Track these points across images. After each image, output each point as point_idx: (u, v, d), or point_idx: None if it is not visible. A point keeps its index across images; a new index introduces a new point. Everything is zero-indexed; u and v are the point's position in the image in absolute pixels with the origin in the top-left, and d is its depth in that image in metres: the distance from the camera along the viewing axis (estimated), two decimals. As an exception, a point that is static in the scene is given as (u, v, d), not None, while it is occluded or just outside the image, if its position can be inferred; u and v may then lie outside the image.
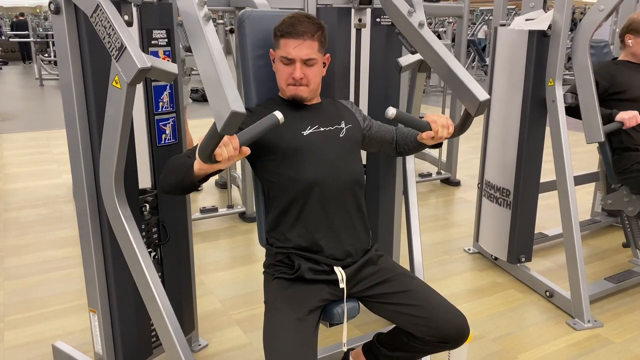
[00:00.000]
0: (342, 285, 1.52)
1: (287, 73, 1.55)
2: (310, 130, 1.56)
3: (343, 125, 1.63)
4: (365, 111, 2.05)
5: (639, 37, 2.66)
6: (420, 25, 1.63)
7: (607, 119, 2.52)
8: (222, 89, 1.15)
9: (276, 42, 1.57)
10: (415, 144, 1.67)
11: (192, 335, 2.13)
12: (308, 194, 1.52)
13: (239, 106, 1.12)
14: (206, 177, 1.36)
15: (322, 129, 1.58)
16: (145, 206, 1.77)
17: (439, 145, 1.60)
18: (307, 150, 1.53)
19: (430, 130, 1.48)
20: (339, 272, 1.53)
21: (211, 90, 1.17)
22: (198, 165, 1.29)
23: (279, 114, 1.24)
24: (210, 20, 1.27)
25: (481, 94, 1.45)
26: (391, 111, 1.39)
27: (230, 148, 1.21)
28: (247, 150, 1.25)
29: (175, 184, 1.40)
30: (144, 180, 1.75)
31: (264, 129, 1.25)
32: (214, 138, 1.18)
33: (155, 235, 1.83)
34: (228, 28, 3.80)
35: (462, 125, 1.53)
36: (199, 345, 2.17)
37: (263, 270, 1.65)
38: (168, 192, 1.44)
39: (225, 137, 1.20)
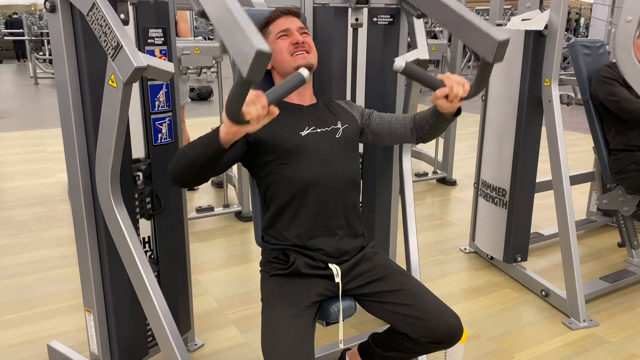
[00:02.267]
0: (337, 279, 1.52)
1: (287, 43, 1.58)
2: (308, 131, 1.56)
3: (339, 125, 1.63)
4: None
5: None
6: None
7: None
8: (242, 30, 1.01)
9: (265, 36, 1.61)
10: (434, 117, 1.54)
11: (188, 335, 2.13)
12: (305, 194, 1.52)
13: (264, 45, 0.98)
14: (233, 145, 1.27)
15: (319, 130, 1.58)
16: (139, 175, 1.72)
17: (457, 114, 1.47)
18: (304, 151, 1.53)
19: (444, 86, 1.37)
20: (334, 267, 1.53)
21: (228, 35, 1.04)
22: (225, 130, 1.20)
23: (304, 71, 1.18)
24: None
25: (499, 34, 1.27)
26: (399, 63, 1.29)
27: (258, 106, 1.16)
28: (276, 111, 1.19)
29: (193, 160, 1.30)
30: (137, 150, 1.71)
31: (291, 88, 1.18)
32: (241, 89, 1.07)
33: (150, 205, 1.79)
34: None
35: (480, 80, 1.37)
36: (195, 345, 2.17)
37: (260, 269, 1.65)
38: (180, 175, 1.35)
39: (252, 94, 1.14)
